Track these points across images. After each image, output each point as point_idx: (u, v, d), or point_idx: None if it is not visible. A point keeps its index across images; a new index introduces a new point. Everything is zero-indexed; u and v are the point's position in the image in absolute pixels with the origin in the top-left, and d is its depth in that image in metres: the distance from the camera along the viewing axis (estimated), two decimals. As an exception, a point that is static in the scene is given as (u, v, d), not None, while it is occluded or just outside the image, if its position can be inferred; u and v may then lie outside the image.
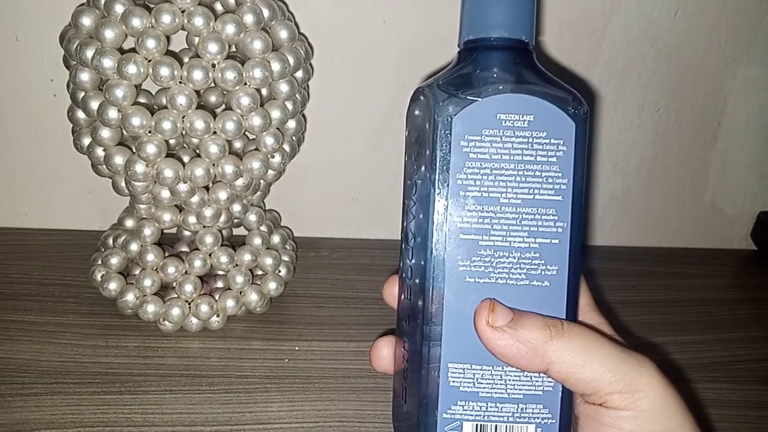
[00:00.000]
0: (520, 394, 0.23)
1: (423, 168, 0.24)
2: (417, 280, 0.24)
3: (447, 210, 0.24)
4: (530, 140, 0.24)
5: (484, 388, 0.23)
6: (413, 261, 0.25)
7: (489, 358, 0.23)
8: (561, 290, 0.23)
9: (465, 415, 0.23)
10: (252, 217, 0.49)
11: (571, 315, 0.24)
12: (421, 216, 0.24)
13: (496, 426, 0.23)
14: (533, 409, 0.23)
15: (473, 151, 0.24)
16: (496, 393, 0.23)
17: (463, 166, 0.24)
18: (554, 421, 0.23)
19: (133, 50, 0.40)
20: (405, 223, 0.26)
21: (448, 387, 0.24)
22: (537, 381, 0.23)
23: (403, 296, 0.26)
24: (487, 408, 0.23)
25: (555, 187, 0.24)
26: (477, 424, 0.23)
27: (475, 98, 0.24)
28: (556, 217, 0.24)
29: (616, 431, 0.21)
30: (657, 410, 0.21)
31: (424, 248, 0.24)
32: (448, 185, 0.24)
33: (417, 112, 0.26)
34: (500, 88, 0.24)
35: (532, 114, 0.24)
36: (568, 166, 0.24)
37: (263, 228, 0.50)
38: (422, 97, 0.26)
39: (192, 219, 0.46)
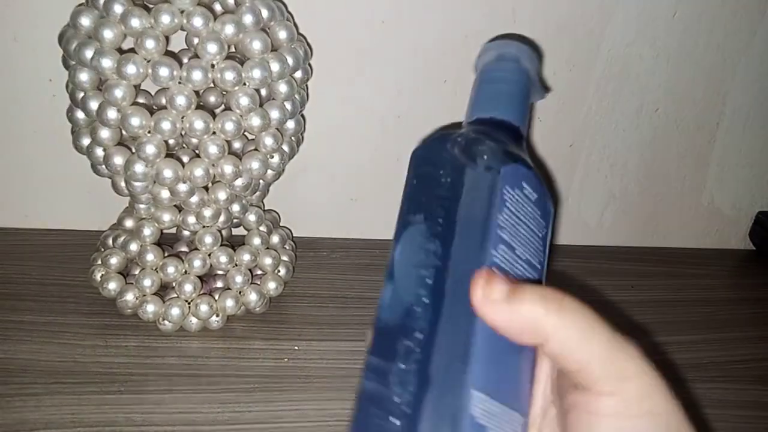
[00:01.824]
0: None
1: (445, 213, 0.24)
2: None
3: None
4: (533, 213, 0.26)
5: None
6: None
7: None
8: None
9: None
10: (251, 217, 0.50)
11: None
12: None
13: None
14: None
15: (507, 204, 0.24)
16: None
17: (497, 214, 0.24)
18: None
19: (132, 50, 0.40)
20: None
21: None
22: None
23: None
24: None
25: (534, 262, 0.25)
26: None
27: (516, 160, 0.25)
28: None
29: (603, 418, 0.21)
30: (644, 396, 0.21)
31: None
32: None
33: (442, 156, 0.26)
34: (526, 160, 0.26)
35: (536, 193, 0.26)
36: (544, 248, 0.26)
37: (262, 228, 0.50)
38: (451, 145, 0.26)
39: (191, 219, 0.46)
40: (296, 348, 0.46)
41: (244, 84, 0.42)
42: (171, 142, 0.48)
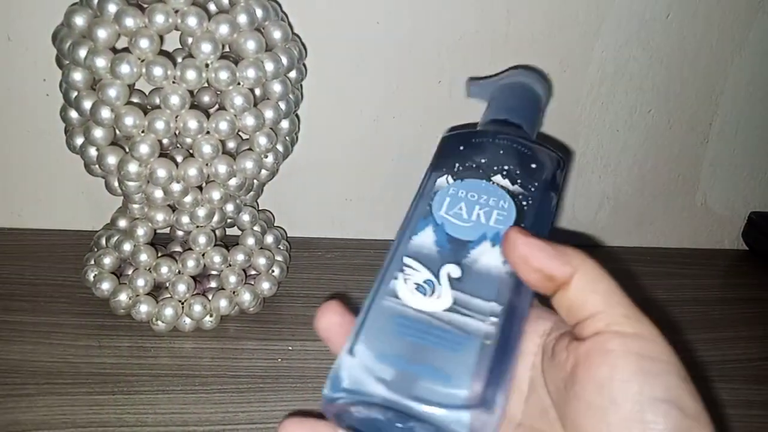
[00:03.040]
0: None
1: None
2: None
3: None
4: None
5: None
6: None
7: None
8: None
9: None
10: (245, 217, 0.50)
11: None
12: None
13: None
14: None
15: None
16: None
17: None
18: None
19: (126, 50, 0.40)
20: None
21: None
22: None
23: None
24: None
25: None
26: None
27: None
28: None
29: (625, 355, 0.21)
30: (660, 341, 0.22)
31: None
32: None
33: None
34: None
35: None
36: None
37: (257, 228, 0.50)
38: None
39: (185, 219, 0.46)
40: (290, 348, 0.46)
41: (239, 84, 0.42)
42: (165, 141, 0.47)
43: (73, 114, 0.43)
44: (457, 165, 0.28)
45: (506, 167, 0.28)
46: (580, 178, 0.63)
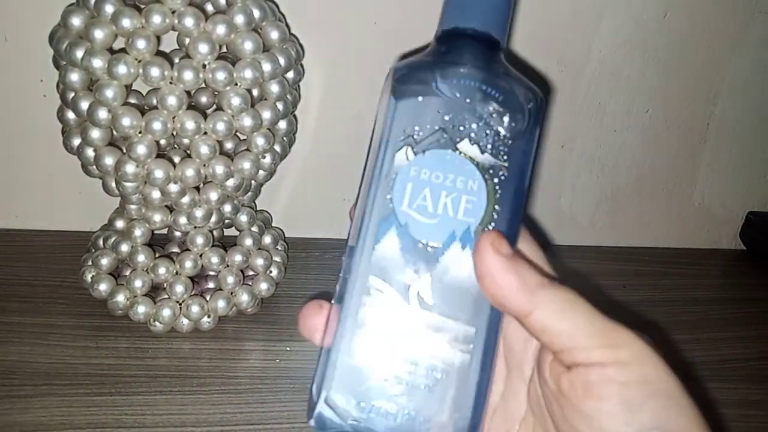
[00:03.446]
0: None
1: None
2: None
3: None
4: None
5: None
6: None
7: None
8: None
9: None
10: (243, 218, 0.49)
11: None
12: None
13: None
14: None
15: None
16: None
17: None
18: None
19: (123, 50, 0.40)
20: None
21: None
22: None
23: None
24: None
25: None
26: None
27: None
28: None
29: (608, 386, 0.21)
30: (641, 361, 0.21)
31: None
32: None
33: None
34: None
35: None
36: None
37: (254, 228, 0.50)
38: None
39: (183, 219, 0.46)
40: (288, 349, 0.46)
41: (236, 84, 0.42)
42: (162, 142, 0.47)
43: (71, 115, 0.43)
44: (417, 130, 0.24)
45: (473, 127, 0.24)
46: (578, 179, 0.63)
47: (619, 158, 0.63)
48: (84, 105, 0.41)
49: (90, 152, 0.43)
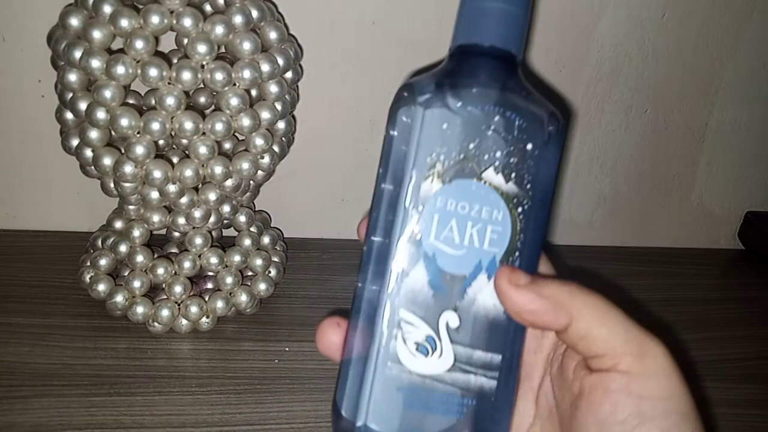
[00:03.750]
0: None
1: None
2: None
3: None
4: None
5: None
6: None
7: None
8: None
9: None
10: (242, 218, 0.49)
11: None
12: None
13: None
14: None
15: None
16: None
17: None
18: None
19: (121, 51, 0.40)
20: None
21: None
22: None
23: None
24: None
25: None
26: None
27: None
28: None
29: (626, 396, 0.21)
30: (665, 375, 0.21)
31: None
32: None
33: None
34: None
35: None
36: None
37: (253, 229, 0.50)
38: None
39: (181, 220, 0.46)
40: (287, 349, 0.46)
41: (234, 84, 0.42)
42: (161, 142, 0.47)
43: (69, 115, 0.43)
44: (443, 159, 0.23)
45: (498, 155, 0.23)
46: (577, 178, 0.63)
47: (618, 158, 0.63)
48: (82, 105, 0.41)
49: (88, 153, 0.43)
